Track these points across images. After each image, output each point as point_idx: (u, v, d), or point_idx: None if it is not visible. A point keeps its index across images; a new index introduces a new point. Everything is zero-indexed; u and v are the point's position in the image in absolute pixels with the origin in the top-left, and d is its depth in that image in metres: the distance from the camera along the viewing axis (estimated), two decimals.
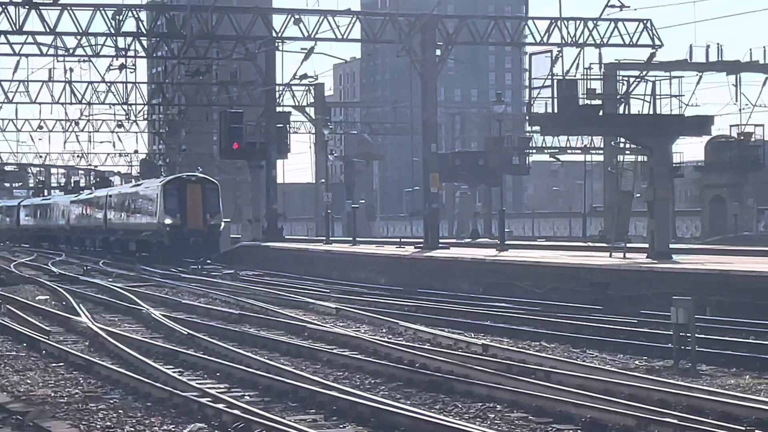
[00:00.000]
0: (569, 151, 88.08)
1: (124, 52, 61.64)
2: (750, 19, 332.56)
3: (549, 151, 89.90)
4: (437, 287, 40.32)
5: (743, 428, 12.91)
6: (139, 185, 71.48)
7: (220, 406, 16.01)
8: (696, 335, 21.16)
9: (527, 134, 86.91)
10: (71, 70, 76.40)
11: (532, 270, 38.72)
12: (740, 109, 67.80)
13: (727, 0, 62.52)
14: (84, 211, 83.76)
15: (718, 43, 67.99)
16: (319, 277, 47.35)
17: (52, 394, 18.30)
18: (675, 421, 14.26)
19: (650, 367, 20.85)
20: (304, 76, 73.13)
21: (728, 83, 67.67)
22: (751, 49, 70.13)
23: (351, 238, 64.40)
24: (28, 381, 19.83)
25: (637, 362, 21.64)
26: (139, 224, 67.04)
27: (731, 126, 70.76)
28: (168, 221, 61.45)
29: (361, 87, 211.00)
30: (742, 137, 69.67)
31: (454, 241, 67.31)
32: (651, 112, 40.48)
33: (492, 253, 45.93)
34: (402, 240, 61.64)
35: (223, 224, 64.84)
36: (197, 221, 61.37)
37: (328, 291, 39.50)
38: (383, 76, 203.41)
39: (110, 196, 75.74)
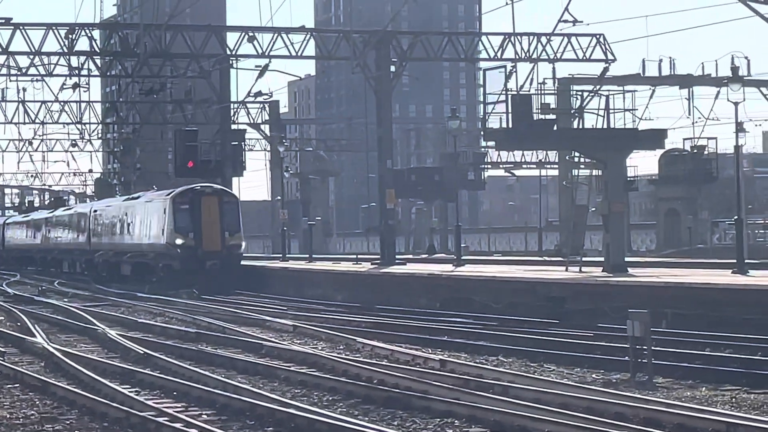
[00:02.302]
0: (524, 165, 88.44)
1: (77, 71, 61.43)
2: (702, 33, 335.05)
3: (504, 166, 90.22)
4: (394, 303, 40.32)
5: None
6: (135, 198, 61.17)
7: (178, 425, 15.96)
8: (652, 348, 21.24)
9: (482, 149, 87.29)
10: (24, 89, 76.35)
11: (489, 285, 38.80)
12: (693, 123, 68.33)
13: (679, 14, 62.93)
14: (62, 229, 75.81)
15: (670, 58, 68.62)
16: (275, 295, 47.24)
17: (8, 416, 18.18)
18: None
19: (607, 381, 20.92)
20: (259, 94, 73.11)
21: (681, 97, 68.20)
22: (703, 63, 70.74)
23: (307, 255, 64.42)
24: None
25: (594, 375, 21.71)
26: (137, 245, 57.05)
27: (684, 139, 71.38)
28: (179, 241, 51.41)
29: (316, 104, 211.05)
30: (695, 150, 70.17)
31: (410, 256, 67.33)
32: (605, 127, 40.68)
33: (448, 269, 45.99)
34: (359, 256, 61.68)
35: (244, 245, 55.21)
36: (214, 242, 51.58)
37: (285, 308, 39.44)
38: (338, 92, 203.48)
39: (95, 211, 67.46)
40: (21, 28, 54.00)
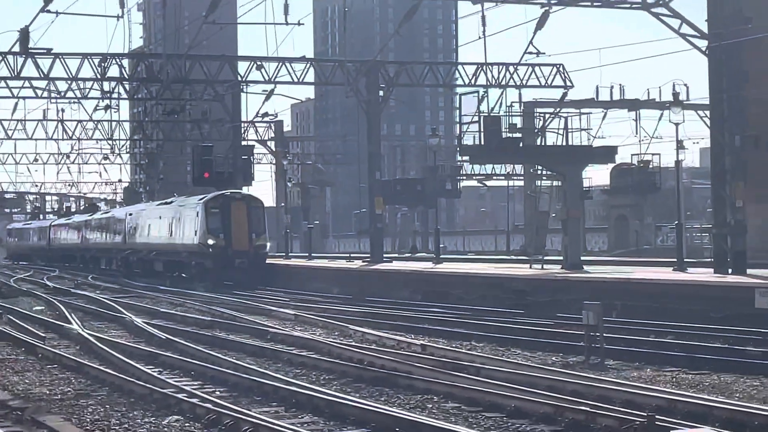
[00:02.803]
0: (494, 177, 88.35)
1: (108, 95, 61.60)
2: (648, 64, 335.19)
3: (477, 177, 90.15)
4: (382, 295, 40.28)
5: (645, 414, 12.96)
6: (168, 203, 60.16)
7: (195, 400, 15.92)
8: (604, 335, 21.26)
9: (458, 163, 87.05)
10: (63, 110, 76.25)
11: (464, 280, 38.81)
12: (640, 141, 68.42)
13: (628, 47, 63.12)
14: (101, 230, 74.69)
15: (620, 84, 68.57)
16: (279, 288, 47.21)
17: (48, 392, 18.15)
18: (587, 409, 14.30)
19: (565, 363, 20.93)
20: (266, 114, 73.33)
21: (629, 118, 68.24)
22: (648, 89, 70.53)
23: (307, 254, 64.34)
24: (26, 381, 19.65)
25: (554, 358, 21.71)
26: (171, 244, 56.05)
27: (632, 155, 71.27)
28: (211, 242, 50.50)
29: (314, 123, 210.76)
30: (641, 164, 70.16)
31: (396, 255, 67.31)
32: (564, 144, 40.74)
33: (429, 266, 45.98)
34: (351, 255, 61.61)
35: (269, 245, 54.13)
36: (243, 242, 50.61)
37: (287, 300, 39.39)
38: (334, 113, 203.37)
39: (131, 214, 66.36)
40: (60, 57, 53.96)
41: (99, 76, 55.80)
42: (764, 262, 38.84)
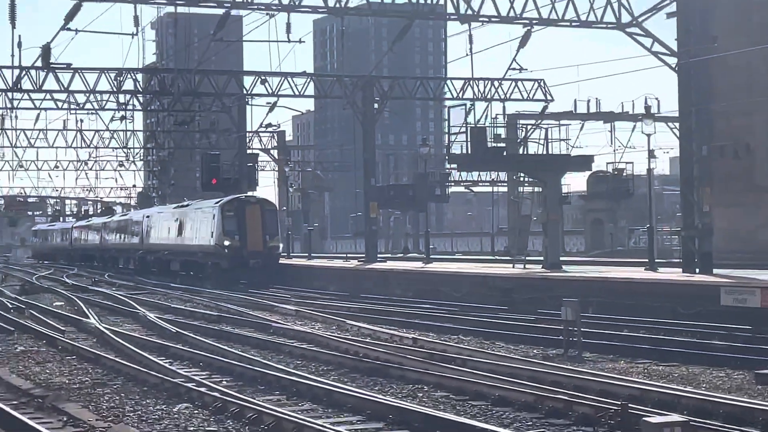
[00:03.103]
0: (480, 183, 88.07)
1: (124, 106, 61.53)
2: (622, 79, 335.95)
3: (464, 183, 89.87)
4: (376, 293, 40.28)
5: (619, 402, 12.96)
6: (185, 206, 58.29)
7: (203, 389, 15.91)
8: (581, 329, 21.27)
9: (447, 170, 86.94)
10: (81, 121, 76.03)
11: (452, 278, 38.80)
12: (614, 150, 68.48)
13: (604, 64, 63.04)
14: (119, 232, 72.53)
15: (596, 98, 68.68)
16: (281, 285, 47.17)
17: (67, 382, 18.12)
18: (565, 398, 14.31)
19: (545, 355, 20.93)
20: (269, 125, 73.12)
21: (605, 129, 68.33)
22: (622, 103, 70.97)
23: (307, 254, 64.28)
24: (47, 371, 19.62)
25: (535, 351, 21.71)
26: (188, 245, 54.31)
27: (607, 163, 71.34)
28: (227, 243, 49.19)
29: (314, 133, 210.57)
30: (616, 172, 70.19)
31: (389, 255, 67.23)
32: (544, 153, 40.75)
33: (420, 265, 45.96)
34: (348, 255, 61.57)
35: (281, 246, 52.88)
36: (257, 243, 49.26)
37: (289, 296, 39.35)
38: (332, 124, 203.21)
39: (148, 217, 64.45)
40: (79, 71, 53.90)
41: (115, 89, 55.80)
42: (729, 262, 38.87)
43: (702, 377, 17.58)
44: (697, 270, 33.73)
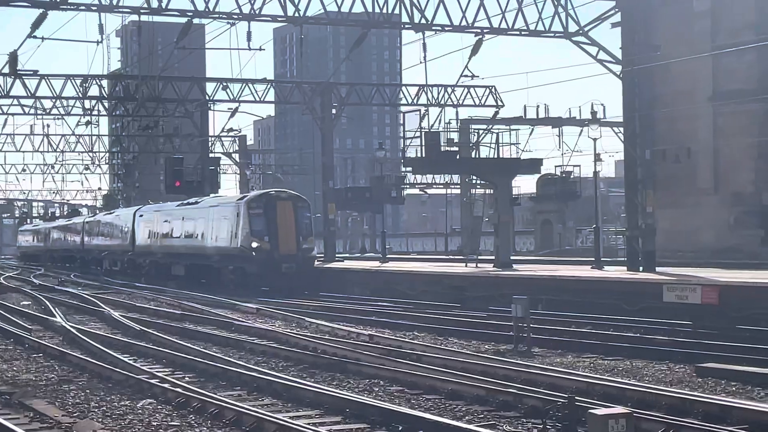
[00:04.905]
0: (434, 185, 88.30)
1: (89, 112, 61.20)
2: (569, 86, 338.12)
3: (419, 186, 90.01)
4: (335, 291, 40.23)
5: (566, 395, 13.02)
6: (192, 204, 49.40)
7: (166, 385, 15.82)
8: (531, 325, 21.36)
9: (402, 173, 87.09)
10: (48, 125, 75.55)
11: (407, 277, 38.82)
12: (562, 154, 68.91)
13: (552, 71, 63.40)
14: (103, 232, 65.17)
15: (545, 104, 69.07)
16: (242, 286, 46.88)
17: (34, 378, 17.96)
18: (515, 391, 14.36)
19: (497, 350, 20.99)
20: (231, 130, 73.08)
21: (553, 134, 68.79)
22: (570, 109, 71.13)
23: None
24: (14, 368, 19.43)
25: (486, 347, 21.77)
26: (200, 247, 45.80)
27: (556, 166, 71.61)
28: (255, 245, 41.13)
29: (274, 138, 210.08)
30: (564, 175, 70.54)
31: (347, 255, 67.25)
32: (495, 156, 40.90)
33: (376, 265, 45.95)
34: None
35: (315, 249, 44.07)
36: (290, 245, 41.28)
37: (249, 295, 39.19)
38: (292, 129, 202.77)
39: (141, 216, 56.52)
40: (46, 78, 53.66)
41: (81, 95, 55.53)
42: (671, 261, 39.21)
43: (645, 371, 17.70)
44: (641, 268, 34.00)
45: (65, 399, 15.56)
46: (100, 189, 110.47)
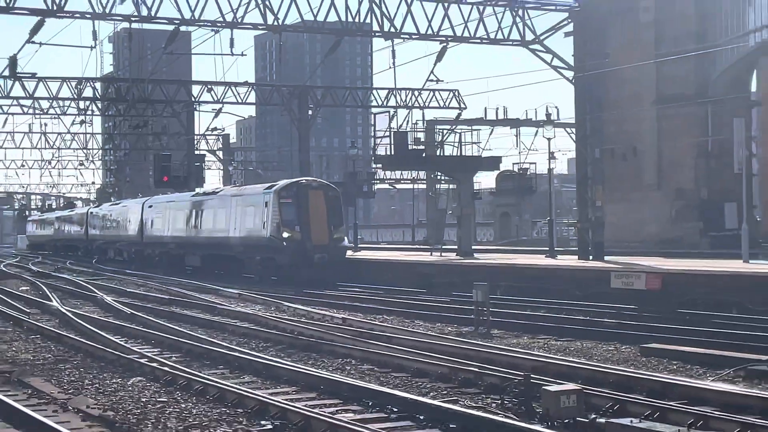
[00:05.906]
0: (402, 181, 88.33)
1: (84, 112, 60.87)
2: (526, 90, 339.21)
3: (388, 181, 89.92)
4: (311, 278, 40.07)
5: (522, 373, 13.07)
6: (211, 193, 45.45)
7: (155, 364, 15.76)
8: (490, 309, 21.42)
9: (373, 170, 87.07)
10: (45, 124, 74.86)
11: (377, 265, 38.83)
12: (520, 152, 69.06)
13: (511, 76, 63.45)
14: (109, 222, 61.48)
15: (504, 106, 69.53)
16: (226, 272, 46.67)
17: (32, 358, 17.85)
18: (476, 369, 14.40)
19: (459, 332, 21.04)
20: (215, 129, 72.76)
21: (511, 134, 68.93)
22: (527, 111, 71.57)
23: None
24: (14, 349, 19.30)
25: (449, 329, 21.82)
26: (224, 237, 41.59)
27: (513, 163, 71.77)
28: (286, 235, 37.01)
29: (255, 136, 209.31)
30: (521, 171, 70.75)
31: None
32: (458, 154, 40.98)
33: (349, 254, 45.91)
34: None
35: (346, 239, 39.64)
36: (322, 235, 37.34)
37: (231, 281, 39.04)
38: (272, 129, 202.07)
39: (150, 207, 52.34)
40: (43, 80, 53.36)
41: (76, 96, 55.21)
42: (618, 251, 39.42)
43: (594, 351, 17.79)
44: (591, 257, 34.19)
45: (61, 377, 15.47)
46: (93, 183, 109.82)
